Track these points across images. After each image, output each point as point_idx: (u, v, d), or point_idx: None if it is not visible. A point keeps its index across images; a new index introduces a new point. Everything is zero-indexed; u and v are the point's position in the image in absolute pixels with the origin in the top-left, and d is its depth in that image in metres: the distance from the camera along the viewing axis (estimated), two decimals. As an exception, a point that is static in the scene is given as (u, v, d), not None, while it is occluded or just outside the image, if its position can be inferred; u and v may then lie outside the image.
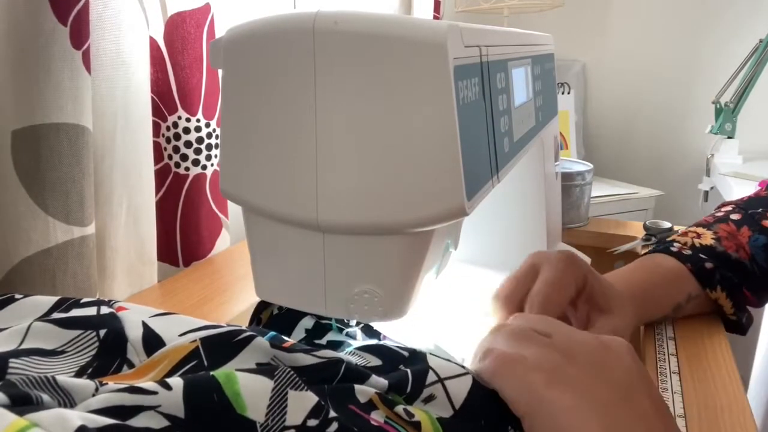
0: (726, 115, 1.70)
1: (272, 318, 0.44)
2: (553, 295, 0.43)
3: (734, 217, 0.61)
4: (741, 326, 0.58)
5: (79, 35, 0.50)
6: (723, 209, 0.64)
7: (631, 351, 0.34)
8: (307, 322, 0.43)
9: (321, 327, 0.43)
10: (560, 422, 0.30)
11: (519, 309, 0.44)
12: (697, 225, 0.62)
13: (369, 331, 0.42)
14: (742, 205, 0.63)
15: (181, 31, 0.66)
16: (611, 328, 0.45)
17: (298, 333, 0.43)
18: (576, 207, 0.85)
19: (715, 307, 0.58)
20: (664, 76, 2.00)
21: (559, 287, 0.43)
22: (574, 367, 0.32)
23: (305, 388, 0.26)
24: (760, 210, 0.61)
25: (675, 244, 0.59)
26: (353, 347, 0.36)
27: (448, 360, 0.33)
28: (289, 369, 0.27)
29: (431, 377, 0.31)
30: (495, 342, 0.35)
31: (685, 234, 0.60)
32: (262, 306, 0.44)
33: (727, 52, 1.84)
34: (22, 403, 0.21)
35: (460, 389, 0.31)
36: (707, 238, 0.59)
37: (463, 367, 0.33)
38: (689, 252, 0.58)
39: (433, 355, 0.33)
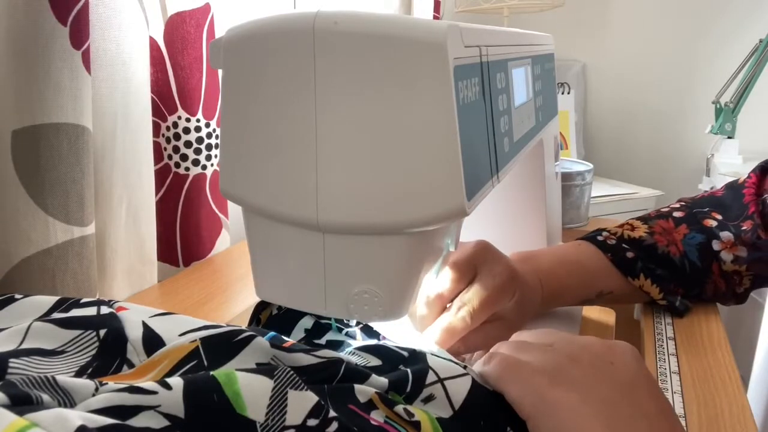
0: (726, 115, 1.70)
1: (271, 318, 0.44)
2: (479, 313, 0.43)
3: (677, 214, 0.61)
4: (675, 309, 0.58)
5: (79, 35, 0.50)
6: (671, 205, 0.64)
7: (634, 353, 0.34)
8: (307, 322, 0.43)
9: (320, 327, 0.43)
10: (564, 421, 0.30)
11: (444, 306, 0.45)
12: (639, 218, 0.62)
13: (368, 332, 0.42)
14: (690, 204, 0.63)
15: (181, 31, 0.66)
16: (490, 340, 0.46)
17: (298, 333, 0.43)
18: (576, 207, 0.85)
19: (641, 295, 0.58)
20: (664, 76, 2.00)
21: (488, 305, 0.44)
22: (577, 367, 0.32)
23: (305, 387, 0.26)
24: (706, 209, 0.61)
25: (604, 233, 0.59)
26: (353, 347, 0.36)
27: (448, 360, 0.33)
28: (289, 369, 0.27)
29: (431, 377, 0.31)
30: (499, 348, 0.35)
31: (621, 226, 0.61)
32: (261, 306, 0.44)
33: (727, 52, 1.84)
34: (22, 403, 0.21)
35: (459, 390, 0.31)
36: (640, 231, 0.59)
37: (464, 367, 0.33)
38: (613, 242, 0.58)
39: (434, 355, 0.33)
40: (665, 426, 0.31)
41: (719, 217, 0.60)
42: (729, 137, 1.74)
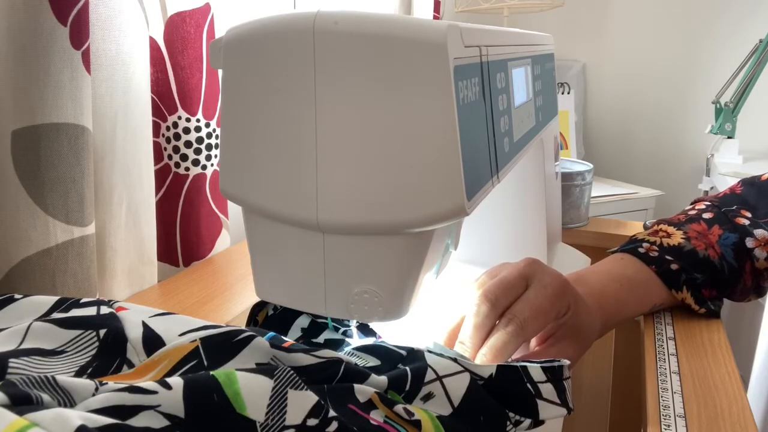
0: (726, 115, 1.71)
1: (268, 318, 0.44)
2: (533, 323, 0.41)
3: (706, 216, 0.61)
4: (712, 313, 0.58)
5: (79, 35, 0.50)
6: (696, 207, 0.63)
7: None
8: (303, 321, 0.43)
9: (317, 326, 0.43)
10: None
11: (499, 316, 0.42)
12: (669, 223, 0.61)
13: (365, 330, 0.43)
14: (716, 203, 0.63)
15: (181, 31, 0.66)
16: (563, 356, 0.44)
17: (294, 332, 0.43)
18: (576, 207, 0.85)
19: (682, 304, 0.58)
20: (664, 76, 2.00)
21: (541, 314, 0.42)
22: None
23: (305, 387, 0.26)
24: (734, 208, 0.61)
25: (644, 244, 0.59)
26: (351, 347, 0.36)
27: (447, 357, 0.33)
28: (289, 369, 0.27)
29: (430, 375, 0.31)
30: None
31: (655, 233, 0.60)
32: (257, 308, 0.44)
33: (727, 52, 1.85)
34: (22, 402, 0.21)
35: (458, 387, 0.31)
36: (677, 237, 0.59)
37: (462, 364, 0.33)
38: (656, 253, 0.57)
39: (431, 352, 0.33)
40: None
41: (749, 215, 0.60)
42: (729, 137, 1.74)
